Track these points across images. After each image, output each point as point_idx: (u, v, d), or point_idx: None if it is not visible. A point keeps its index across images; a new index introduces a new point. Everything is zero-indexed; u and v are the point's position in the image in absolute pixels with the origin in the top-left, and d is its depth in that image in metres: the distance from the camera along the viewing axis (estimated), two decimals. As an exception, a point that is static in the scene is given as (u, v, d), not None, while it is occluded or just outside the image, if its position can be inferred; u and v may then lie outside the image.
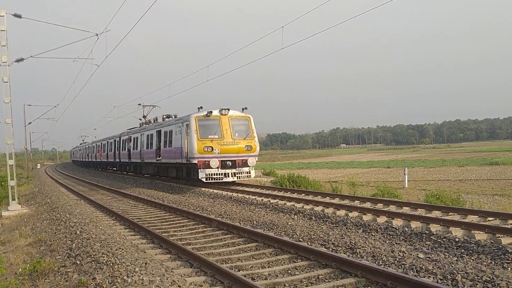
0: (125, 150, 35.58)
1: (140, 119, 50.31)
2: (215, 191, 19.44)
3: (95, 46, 21.49)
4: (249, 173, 20.75)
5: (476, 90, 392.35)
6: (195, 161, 20.12)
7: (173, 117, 27.02)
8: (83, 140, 75.51)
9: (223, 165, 20.09)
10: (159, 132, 26.16)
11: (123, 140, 36.51)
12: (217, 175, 20.10)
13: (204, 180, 19.97)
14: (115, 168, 46.03)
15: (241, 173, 20.44)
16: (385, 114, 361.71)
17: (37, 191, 27.00)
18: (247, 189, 19.55)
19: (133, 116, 50.98)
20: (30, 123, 51.07)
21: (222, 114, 20.69)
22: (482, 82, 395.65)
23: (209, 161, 19.83)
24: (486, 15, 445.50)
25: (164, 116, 28.35)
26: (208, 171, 19.93)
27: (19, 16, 18.33)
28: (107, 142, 44.16)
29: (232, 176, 20.29)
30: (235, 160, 20.37)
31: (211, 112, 20.60)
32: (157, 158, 26.42)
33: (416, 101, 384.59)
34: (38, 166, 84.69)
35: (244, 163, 20.51)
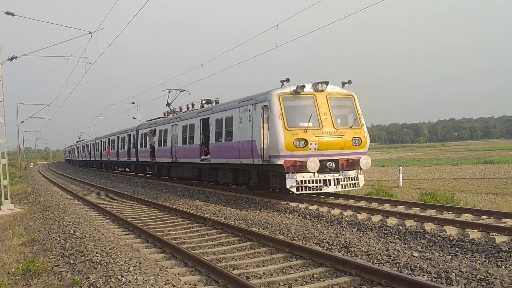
0: (145, 146, 28.53)
1: (134, 118, 48.85)
2: (208, 189, 19.38)
3: (88, 45, 21.42)
4: (357, 179, 14.42)
5: (471, 91, 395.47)
6: (280, 162, 13.66)
7: (214, 102, 21.29)
8: (79, 138, 74.37)
9: (322, 167, 13.71)
10: (205, 121, 19.59)
11: (142, 134, 29.38)
12: (313, 182, 13.71)
13: (294, 190, 13.64)
14: (127, 169, 39.07)
15: (346, 180, 14.18)
16: (380, 113, 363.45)
17: (30, 190, 26.86)
18: (240, 187, 19.46)
19: (127, 115, 50.44)
20: (23, 121, 50.83)
21: (317, 90, 14.18)
22: (478, 86, 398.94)
23: (304, 162, 13.40)
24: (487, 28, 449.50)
25: (204, 102, 22.30)
26: (300, 176, 13.60)
27: (11, 14, 18.21)
28: (118, 137, 36.56)
29: (335, 185, 13.96)
30: (338, 160, 14.09)
31: (303, 86, 14.01)
32: (202, 157, 19.77)
33: (411, 100, 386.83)
34: (31, 165, 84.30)
35: (351, 165, 14.26)
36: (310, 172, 13.56)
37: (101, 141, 45.17)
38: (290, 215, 12.60)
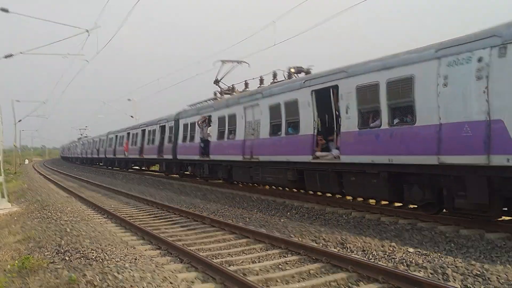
0: (191, 140, 22.03)
1: (131, 117, 47.92)
2: (205, 186, 19.38)
3: (85, 43, 21.29)
4: None
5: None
6: None
7: (305, 72, 15.37)
8: (81, 134, 73.62)
9: None
10: (322, 94, 12.67)
11: (184, 125, 23.18)
12: None
13: None
14: (144, 167, 35.01)
15: None
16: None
17: (26, 187, 26.72)
18: (237, 185, 19.46)
19: (124, 113, 50.04)
20: (20, 120, 50.61)
21: None
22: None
23: None
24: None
25: (293, 70, 15.64)
26: None
27: (6, 10, 18.09)
28: (143, 130, 31.14)
29: None
30: None
31: None
32: (317, 153, 12.54)
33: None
34: (26, 161, 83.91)
35: None
36: None
37: (116, 136, 39.55)
38: (288, 212, 12.52)
